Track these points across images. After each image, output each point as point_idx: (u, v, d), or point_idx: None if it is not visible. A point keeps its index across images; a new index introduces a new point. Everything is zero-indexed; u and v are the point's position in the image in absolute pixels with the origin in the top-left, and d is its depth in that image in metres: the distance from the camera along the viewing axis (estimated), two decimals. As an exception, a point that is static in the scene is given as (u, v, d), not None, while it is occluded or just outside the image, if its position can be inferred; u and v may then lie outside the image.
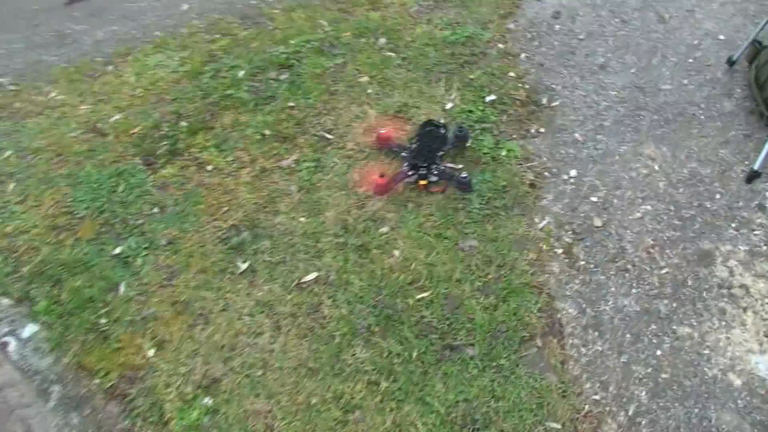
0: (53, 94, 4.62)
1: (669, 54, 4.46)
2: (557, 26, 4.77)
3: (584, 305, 3.28)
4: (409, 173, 3.74)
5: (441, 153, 3.78)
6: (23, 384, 3.05)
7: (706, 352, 3.08)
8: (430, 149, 3.75)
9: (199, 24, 5.14)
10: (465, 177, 3.65)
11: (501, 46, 4.63)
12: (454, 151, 3.92)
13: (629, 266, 3.42)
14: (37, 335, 3.28)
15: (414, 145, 3.82)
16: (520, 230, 3.57)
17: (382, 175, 3.70)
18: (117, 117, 4.35)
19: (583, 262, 3.45)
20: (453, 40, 4.65)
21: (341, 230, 3.61)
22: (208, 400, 3.04)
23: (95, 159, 4.08)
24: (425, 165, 3.72)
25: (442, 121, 3.82)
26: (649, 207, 3.64)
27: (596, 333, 3.19)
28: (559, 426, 2.88)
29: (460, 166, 3.83)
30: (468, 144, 3.94)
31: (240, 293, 3.40)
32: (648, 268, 3.40)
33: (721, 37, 4.52)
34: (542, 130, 4.07)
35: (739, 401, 2.92)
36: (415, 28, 4.79)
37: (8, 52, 5.08)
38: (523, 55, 4.58)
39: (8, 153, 4.17)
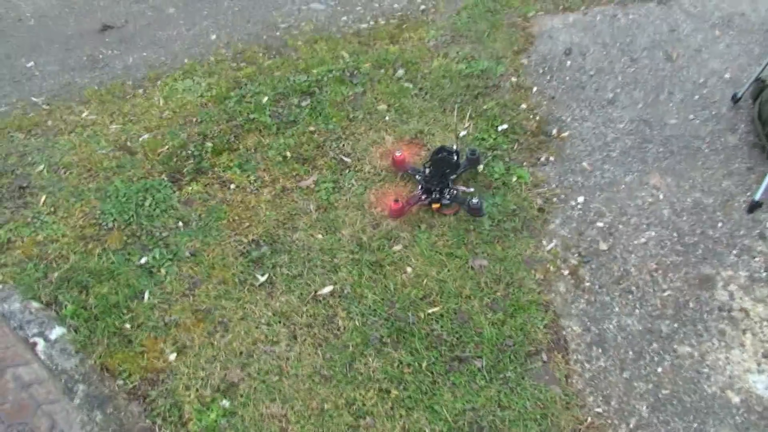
0: (85, 114, 4.83)
1: (676, 91, 4.62)
2: (568, 62, 4.96)
3: (589, 323, 3.41)
4: (423, 197, 3.90)
5: (453, 177, 3.93)
6: (50, 382, 3.19)
7: (706, 370, 3.20)
8: (442, 174, 3.90)
9: (225, 53, 5.36)
10: (476, 202, 3.79)
11: (514, 79, 4.82)
12: (467, 174, 4.08)
13: (633, 288, 3.55)
14: (64, 337, 3.44)
15: (427, 170, 3.97)
16: (529, 251, 3.72)
17: (396, 200, 3.85)
18: (146, 136, 4.56)
19: (588, 283, 3.58)
20: (468, 72, 4.84)
21: (356, 247, 3.77)
22: (225, 403, 3.17)
23: (124, 175, 4.27)
24: (438, 189, 3.87)
25: (454, 147, 3.98)
26: (653, 233, 3.78)
27: (600, 350, 3.31)
28: (562, 436, 3.01)
29: (472, 189, 3.99)
30: (480, 167, 4.10)
31: (258, 303, 3.55)
32: (651, 291, 3.52)
33: (727, 76, 4.68)
34: (552, 158, 4.23)
35: (737, 417, 3.02)
36: (432, 60, 4.99)
37: (42, 73, 5.32)
38: (535, 89, 4.75)
39: (41, 167, 4.36)
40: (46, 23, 5.87)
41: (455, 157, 3.93)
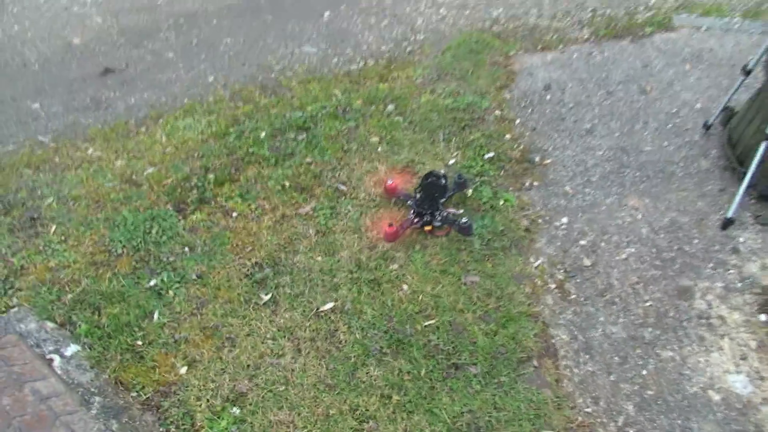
0: (90, 151, 5.05)
1: (650, 120, 4.92)
2: (548, 96, 5.27)
3: (576, 332, 3.62)
4: (415, 221, 4.12)
5: (443, 200, 4.17)
6: (67, 394, 3.34)
7: (688, 372, 3.40)
8: (432, 198, 4.13)
9: (223, 93, 5.63)
10: (466, 223, 4.02)
11: (498, 112, 5.10)
12: (456, 197, 4.32)
13: (616, 299, 3.77)
14: (78, 354, 3.60)
15: (418, 195, 4.21)
16: (517, 268, 3.94)
17: (390, 225, 4.06)
18: (150, 170, 4.78)
19: (574, 296, 3.80)
20: (454, 106, 5.12)
21: (355, 267, 3.98)
22: (235, 411, 3.33)
23: (131, 205, 4.47)
24: (429, 212, 4.10)
25: (442, 172, 4.22)
26: (633, 250, 4.01)
27: (587, 356, 3.51)
28: (554, 434, 3.20)
29: (461, 211, 4.24)
30: (468, 191, 4.35)
31: (263, 320, 3.73)
32: (633, 301, 3.74)
33: (698, 106, 5.00)
34: (536, 183, 4.49)
35: (718, 414, 3.22)
36: (420, 96, 5.27)
37: (48, 114, 5.55)
38: (517, 121, 5.04)
39: (50, 200, 4.56)
40: (50, 68, 6.12)
41: (444, 181, 4.16)
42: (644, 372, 3.42)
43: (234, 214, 4.39)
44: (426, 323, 3.65)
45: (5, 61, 6.23)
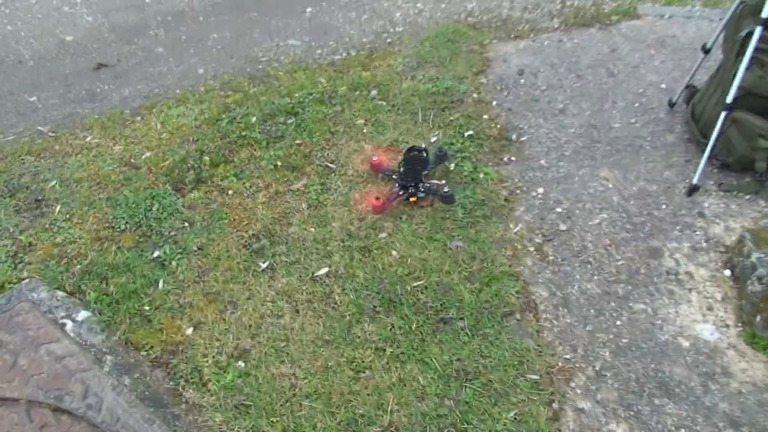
0: (89, 139, 5.26)
1: (618, 100, 5.23)
2: (522, 80, 5.57)
3: (554, 289, 3.90)
4: (401, 193, 4.40)
5: (425, 173, 4.45)
6: (80, 354, 3.56)
7: (659, 322, 3.68)
8: (415, 171, 4.41)
9: (213, 83, 5.87)
10: (448, 192, 4.31)
11: (475, 95, 5.40)
12: (440, 171, 4.60)
13: (590, 259, 4.05)
14: (89, 319, 3.81)
15: (402, 169, 4.49)
16: (498, 234, 4.21)
17: (377, 198, 4.33)
18: (148, 154, 5.00)
19: (551, 257, 4.08)
20: (434, 91, 5.40)
21: (346, 236, 4.23)
22: (241, 364, 3.58)
23: (131, 186, 4.70)
24: (414, 184, 4.38)
25: (423, 146, 4.51)
26: (605, 215, 4.30)
27: (565, 309, 3.79)
28: (537, 377, 3.45)
29: (443, 181, 4.52)
30: (449, 164, 4.64)
31: (262, 285, 3.98)
32: (606, 261, 4.03)
33: (663, 86, 5.32)
34: (513, 158, 4.78)
35: (688, 358, 3.50)
36: (402, 82, 5.55)
37: (45, 106, 5.75)
38: (494, 102, 5.34)
39: (53, 183, 4.77)
40: (45, 64, 6.32)
41: (425, 155, 4.43)
42: (618, 323, 3.70)
43: (230, 192, 4.63)
44: (415, 284, 3.90)
45: (0, 58, 6.42)
